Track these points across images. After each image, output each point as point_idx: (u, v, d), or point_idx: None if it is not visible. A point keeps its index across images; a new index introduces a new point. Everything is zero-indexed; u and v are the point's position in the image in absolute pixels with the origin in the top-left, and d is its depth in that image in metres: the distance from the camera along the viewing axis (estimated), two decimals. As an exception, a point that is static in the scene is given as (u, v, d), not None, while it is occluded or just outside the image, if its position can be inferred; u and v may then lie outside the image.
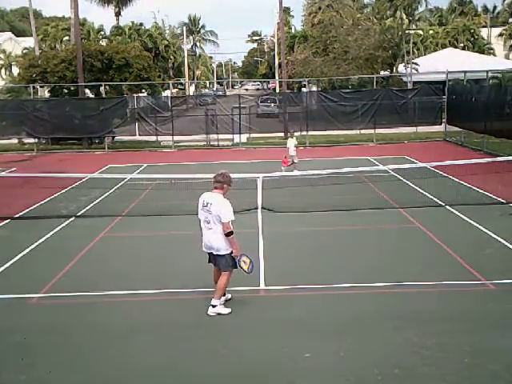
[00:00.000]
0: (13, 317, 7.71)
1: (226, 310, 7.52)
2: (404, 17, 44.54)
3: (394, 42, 40.46)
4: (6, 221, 13.12)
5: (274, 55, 59.58)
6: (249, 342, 6.76)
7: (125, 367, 6.25)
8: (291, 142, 18.31)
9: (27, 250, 10.65)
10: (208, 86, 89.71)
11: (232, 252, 7.35)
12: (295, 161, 18.07)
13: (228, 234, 7.23)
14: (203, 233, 7.49)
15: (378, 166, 18.43)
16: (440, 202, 13.40)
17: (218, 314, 7.44)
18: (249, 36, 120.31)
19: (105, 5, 55.37)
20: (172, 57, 59.46)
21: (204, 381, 5.98)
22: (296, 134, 28.04)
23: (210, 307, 7.46)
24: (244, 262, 7.49)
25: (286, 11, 68.96)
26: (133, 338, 6.93)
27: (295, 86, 48.64)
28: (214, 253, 7.42)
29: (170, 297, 8.24)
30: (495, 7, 73.70)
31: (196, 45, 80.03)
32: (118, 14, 55.97)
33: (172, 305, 7.99)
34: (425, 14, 64.28)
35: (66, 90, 31.11)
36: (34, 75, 30.58)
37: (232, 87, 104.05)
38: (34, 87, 29.67)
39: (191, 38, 77.72)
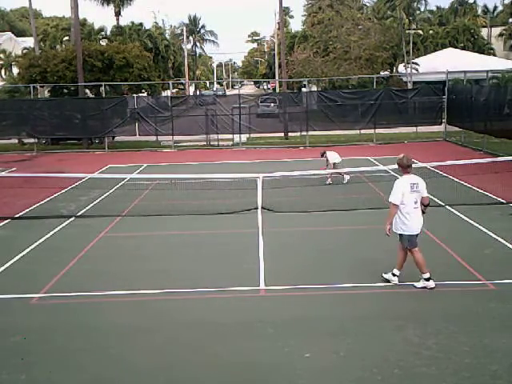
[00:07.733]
0: (13, 317, 7.71)
1: (432, 284, 8.04)
2: (404, 17, 44.53)
3: (394, 42, 40.45)
4: (6, 221, 13.12)
5: (274, 55, 59.54)
6: (249, 341, 6.76)
7: (125, 367, 6.26)
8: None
9: (27, 250, 10.65)
10: (208, 86, 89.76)
11: None
12: (328, 169, 16.42)
13: (428, 205, 8.07)
14: (414, 216, 7.94)
15: (378, 166, 18.42)
16: (440, 202, 13.40)
17: (424, 287, 8.03)
18: (249, 36, 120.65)
19: (105, 4, 55.31)
20: (172, 57, 59.44)
21: (204, 381, 5.98)
22: (296, 134, 28.31)
23: (422, 280, 8.06)
24: None
25: (284, 11, 68.90)
26: (133, 338, 6.94)
27: (295, 86, 48.63)
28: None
29: (169, 297, 8.24)
30: (495, 7, 73.71)
31: (196, 45, 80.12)
32: (118, 14, 55.87)
33: (172, 305, 7.99)
34: (425, 14, 64.19)
35: (65, 90, 31.12)
36: (34, 75, 30.58)
37: (232, 87, 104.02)
38: (34, 87, 29.65)
39: (191, 38, 77.78)
